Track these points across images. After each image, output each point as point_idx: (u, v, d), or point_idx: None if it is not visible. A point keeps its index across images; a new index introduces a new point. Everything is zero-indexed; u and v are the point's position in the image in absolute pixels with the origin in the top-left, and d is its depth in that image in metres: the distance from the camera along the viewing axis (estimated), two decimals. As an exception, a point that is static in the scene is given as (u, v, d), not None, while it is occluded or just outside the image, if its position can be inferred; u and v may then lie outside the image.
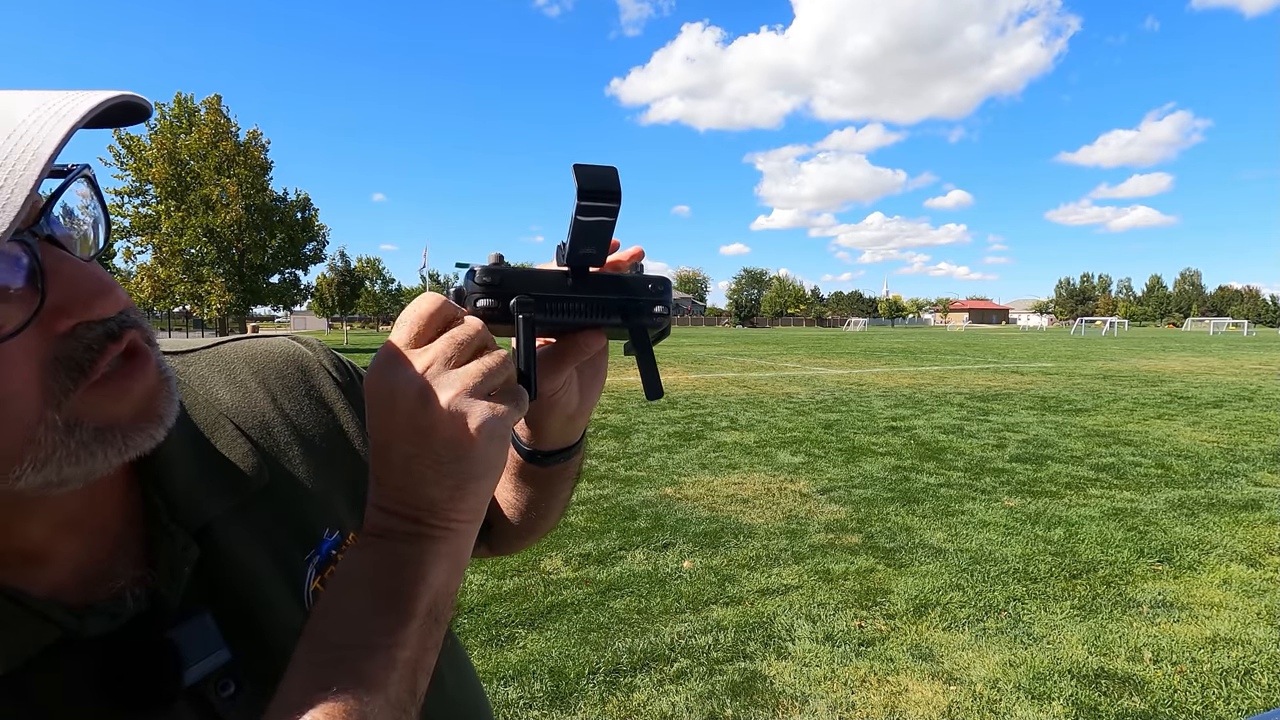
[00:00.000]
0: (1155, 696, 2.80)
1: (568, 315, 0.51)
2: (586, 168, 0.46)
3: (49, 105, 0.35)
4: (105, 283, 0.40)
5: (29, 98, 0.36)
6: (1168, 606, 3.61)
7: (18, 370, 0.36)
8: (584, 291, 0.51)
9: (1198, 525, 4.88)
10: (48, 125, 0.34)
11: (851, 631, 3.35)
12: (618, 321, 0.52)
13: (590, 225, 0.48)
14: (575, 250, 0.50)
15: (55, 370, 0.38)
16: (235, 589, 0.51)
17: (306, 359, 0.65)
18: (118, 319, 0.40)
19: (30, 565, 0.44)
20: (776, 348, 29.63)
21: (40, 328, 0.37)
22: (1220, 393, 12.38)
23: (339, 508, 0.61)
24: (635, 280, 0.53)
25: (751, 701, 2.78)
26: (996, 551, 4.37)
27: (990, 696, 2.81)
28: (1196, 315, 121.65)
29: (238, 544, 0.52)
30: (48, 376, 0.37)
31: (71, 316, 0.38)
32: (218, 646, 0.48)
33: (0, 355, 0.35)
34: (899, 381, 14.75)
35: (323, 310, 74.35)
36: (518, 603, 3.61)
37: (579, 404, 0.60)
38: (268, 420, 0.59)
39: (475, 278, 0.49)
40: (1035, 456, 7.08)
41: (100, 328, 0.39)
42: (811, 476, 6.28)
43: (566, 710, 2.74)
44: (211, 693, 0.47)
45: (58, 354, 0.38)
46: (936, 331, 76.75)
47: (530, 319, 0.48)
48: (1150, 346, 30.94)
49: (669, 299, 0.53)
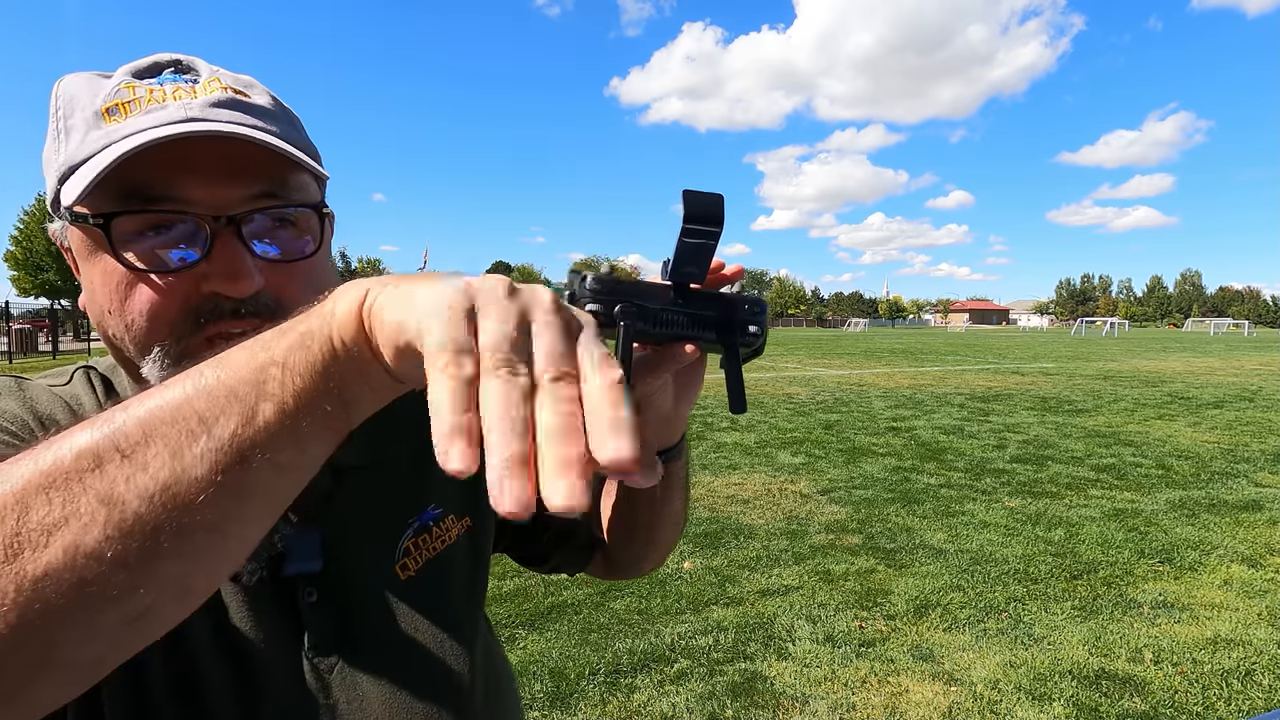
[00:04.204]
0: (1156, 697, 2.80)
1: (666, 327, 0.54)
2: (694, 194, 0.50)
3: (170, 131, 0.51)
4: (244, 273, 0.53)
5: (178, 130, 0.51)
6: (1168, 607, 3.61)
7: (176, 292, 0.53)
8: (684, 306, 0.55)
9: (1198, 526, 4.88)
10: (145, 141, 0.50)
11: (852, 632, 3.34)
12: (713, 337, 0.56)
13: (693, 247, 0.52)
14: (678, 268, 0.53)
15: (188, 313, 0.53)
16: (343, 521, 0.64)
17: None
18: (247, 301, 0.53)
19: None
20: (777, 348, 29.62)
21: (192, 279, 0.53)
22: (1221, 393, 12.37)
23: (452, 492, 0.72)
24: (733, 299, 0.56)
25: (752, 702, 2.78)
26: (997, 552, 4.37)
27: (991, 697, 2.81)
28: (1197, 316, 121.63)
29: (358, 489, 0.64)
30: (182, 313, 0.53)
31: (210, 284, 0.53)
32: (315, 557, 0.61)
33: (146, 277, 0.53)
34: (899, 382, 14.74)
35: (323, 311, 74.27)
36: (518, 603, 3.61)
37: (674, 407, 0.66)
38: (410, 403, 0.62)
39: (587, 284, 0.53)
40: (1036, 457, 7.08)
41: (229, 304, 0.53)
42: (812, 477, 6.28)
43: (567, 710, 2.74)
44: (300, 593, 0.60)
45: (197, 305, 0.53)
46: (937, 332, 76.71)
47: (630, 326, 0.52)
48: (1151, 347, 30.92)
49: (764, 320, 0.57)
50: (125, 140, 0.51)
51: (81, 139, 0.53)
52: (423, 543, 0.69)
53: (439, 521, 0.70)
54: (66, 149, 0.53)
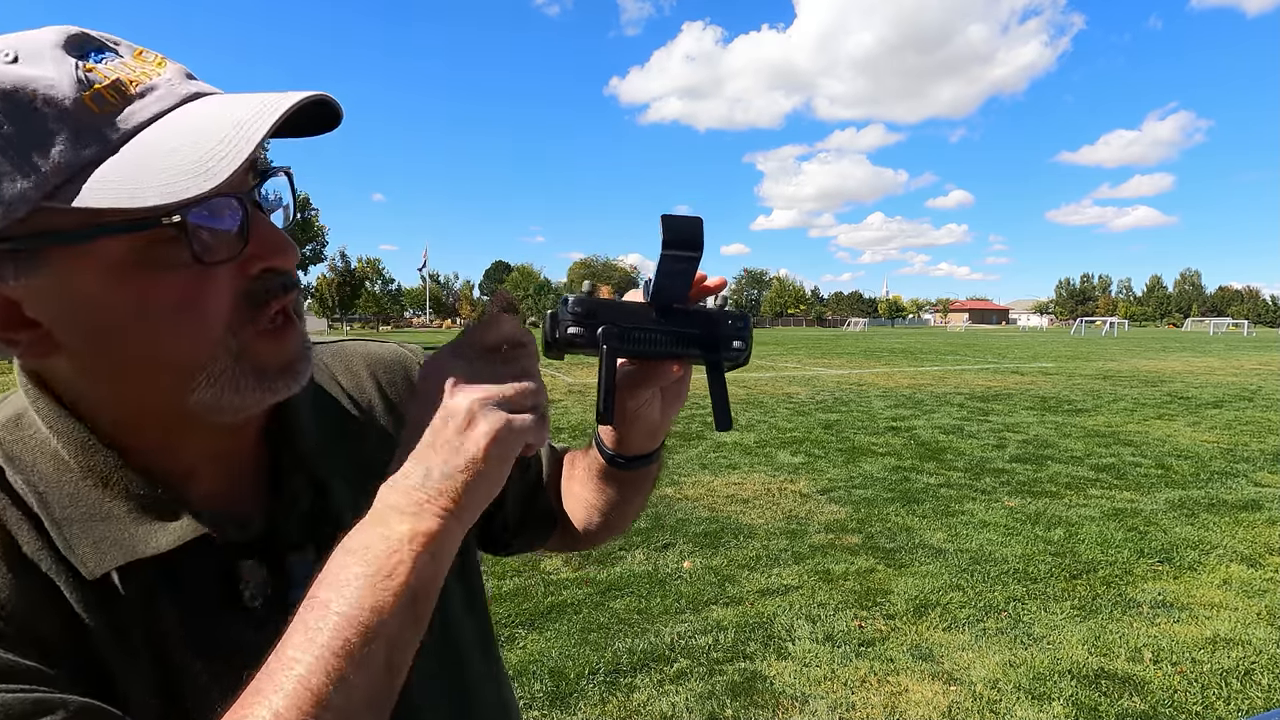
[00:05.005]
0: (1155, 697, 2.80)
1: (650, 346, 0.55)
2: (673, 219, 0.51)
3: (266, 104, 0.46)
4: (289, 243, 0.52)
5: (249, 99, 0.47)
6: (1168, 607, 3.61)
7: (220, 293, 0.48)
8: (666, 325, 0.55)
9: (1198, 525, 4.88)
10: (262, 118, 0.45)
11: (851, 632, 3.35)
12: (697, 353, 0.56)
13: (674, 271, 0.53)
14: (659, 289, 0.54)
15: (242, 303, 0.49)
16: (333, 535, 0.60)
17: (410, 361, 0.76)
18: (290, 276, 0.52)
19: (182, 478, 0.54)
20: (776, 348, 29.64)
21: (240, 265, 0.49)
22: (1220, 393, 12.38)
23: None
24: (716, 315, 0.56)
25: (751, 702, 2.78)
26: (996, 552, 4.37)
27: (990, 697, 2.81)
28: (1196, 315, 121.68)
29: (341, 500, 0.61)
30: (237, 306, 0.49)
31: (262, 261, 0.50)
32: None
33: (210, 277, 0.47)
34: (899, 382, 14.75)
35: (323, 310, 74.41)
36: (518, 603, 3.61)
37: (660, 419, 0.66)
38: (375, 405, 0.70)
39: (568, 306, 0.54)
40: (1035, 457, 7.08)
41: (279, 278, 0.51)
42: (811, 477, 6.28)
43: (566, 710, 2.74)
44: None
45: (247, 289, 0.50)
46: (936, 332, 76.77)
47: (614, 348, 0.53)
48: (1150, 347, 30.94)
49: (748, 335, 0.57)
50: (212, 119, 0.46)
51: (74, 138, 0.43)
52: None
53: None
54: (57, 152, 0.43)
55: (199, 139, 0.45)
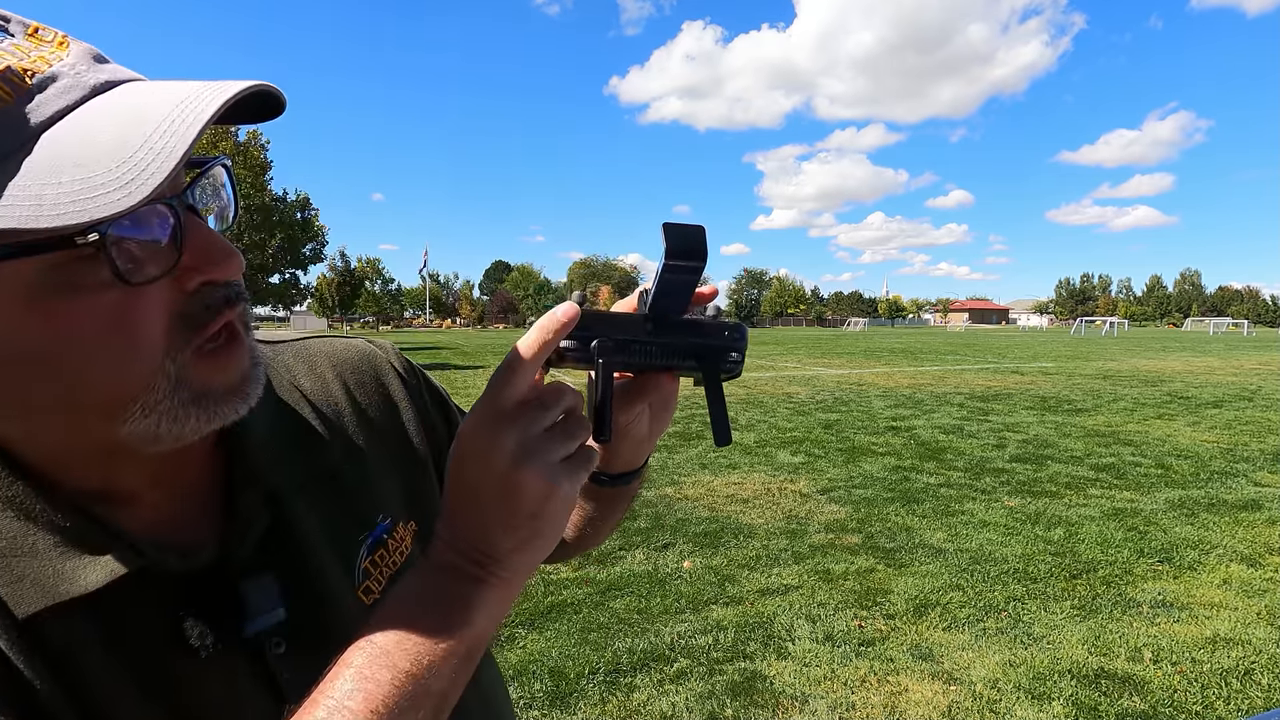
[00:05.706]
0: (1155, 696, 2.80)
1: (645, 358, 0.53)
2: (676, 227, 0.48)
3: (197, 95, 0.39)
4: (230, 250, 0.45)
5: (179, 88, 0.40)
6: (1168, 606, 3.61)
7: (153, 315, 0.42)
8: (662, 336, 0.53)
9: (1198, 525, 4.88)
10: (192, 114, 0.38)
11: (851, 631, 3.35)
12: (693, 365, 0.54)
13: (676, 282, 0.51)
14: (658, 300, 0.52)
15: (179, 323, 0.43)
16: (295, 556, 0.55)
17: (379, 359, 0.71)
18: (235, 286, 0.46)
19: (119, 505, 0.49)
20: (776, 348, 29.64)
21: (175, 281, 0.43)
22: (1220, 393, 12.38)
23: (394, 496, 0.65)
24: (712, 326, 0.55)
25: (751, 701, 2.78)
26: (996, 551, 4.37)
27: (990, 696, 2.81)
28: (1196, 315, 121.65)
29: (303, 516, 0.56)
30: (173, 327, 0.43)
31: (201, 274, 0.43)
32: (276, 605, 0.53)
33: (140, 297, 0.41)
34: (899, 381, 14.75)
35: (323, 310, 74.35)
36: (517, 603, 3.61)
37: (648, 433, 0.63)
38: (340, 409, 0.65)
39: None
40: (1035, 456, 7.08)
41: (221, 291, 0.45)
42: (811, 476, 6.29)
43: (566, 710, 2.74)
44: (267, 647, 0.52)
45: (184, 309, 0.43)
46: (936, 331, 76.77)
47: (610, 362, 0.51)
48: (1150, 346, 30.94)
49: (743, 346, 0.55)
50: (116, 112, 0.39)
51: None
52: (380, 559, 0.62)
53: (391, 532, 0.63)
54: None
55: (117, 142, 0.37)
